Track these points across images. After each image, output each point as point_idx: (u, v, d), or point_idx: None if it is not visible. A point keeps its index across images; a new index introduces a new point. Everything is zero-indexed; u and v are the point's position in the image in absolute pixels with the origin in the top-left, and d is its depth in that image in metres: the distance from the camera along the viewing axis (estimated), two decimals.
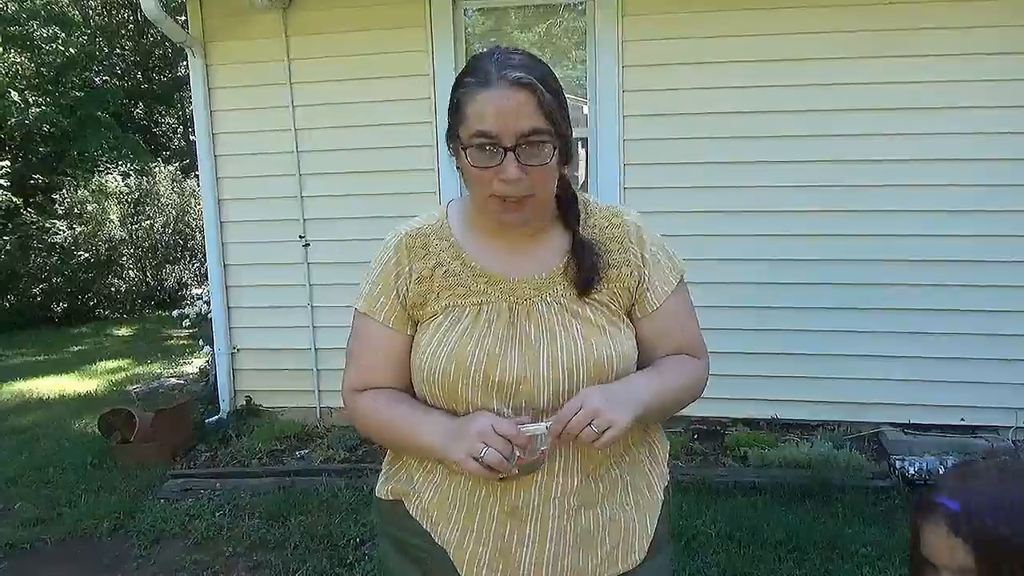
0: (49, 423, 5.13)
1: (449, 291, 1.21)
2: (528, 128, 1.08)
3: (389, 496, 1.31)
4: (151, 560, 3.12)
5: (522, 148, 1.09)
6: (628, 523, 1.25)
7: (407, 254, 1.23)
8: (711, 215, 4.06)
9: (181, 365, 6.95)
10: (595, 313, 1.21)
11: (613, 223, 1.27)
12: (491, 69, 1.09)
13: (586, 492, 1.21)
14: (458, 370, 1.16)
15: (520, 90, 1.08)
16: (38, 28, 12.02)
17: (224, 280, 4.57)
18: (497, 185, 1.11)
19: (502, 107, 1.07)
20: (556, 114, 1.11)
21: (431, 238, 1.24)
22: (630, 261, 1.24)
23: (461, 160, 1.14)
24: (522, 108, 1.08)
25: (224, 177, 4.49)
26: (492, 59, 1.11)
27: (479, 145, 1.10)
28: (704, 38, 3.96)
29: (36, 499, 3.73)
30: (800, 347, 4.09)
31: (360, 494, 3.55)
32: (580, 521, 1.20)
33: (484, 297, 1.20)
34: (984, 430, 3.93)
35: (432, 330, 1.20)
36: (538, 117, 1.09)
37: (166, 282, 11.57)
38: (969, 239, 3.88)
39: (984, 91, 3.78)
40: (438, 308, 1.21)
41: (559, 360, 1.16)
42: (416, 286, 1.21)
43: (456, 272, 1.21)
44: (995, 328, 3.91)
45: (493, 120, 1.08)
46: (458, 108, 1.13)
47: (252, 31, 4.30)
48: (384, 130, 4.26)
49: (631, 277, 1.23)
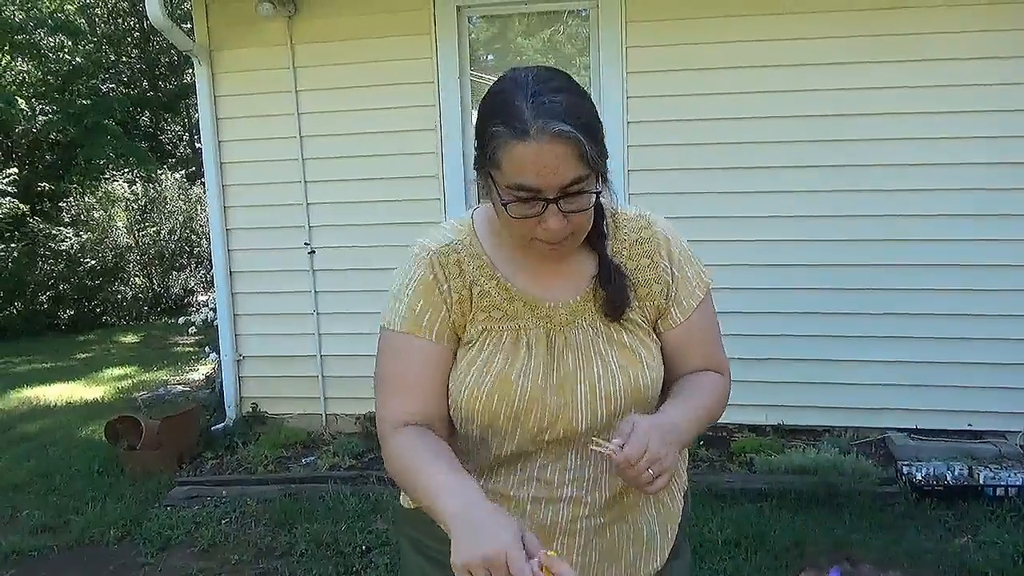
0: (56, 430, 5.14)
1: (485, 314, 1.15)
2: (570, 179, 1.01)
3: (411, 504, 1.28)
4: (157, 567, 3.12)
5: (564, 199, 1.03)
6: (651, 534, 1.25)
7: (443, 272, 1.15)
8: (716, 220, 4.06)
9: (187, 372, 6.96)
10: (629, 336, 1.18)
11: (643, 236, 1.22)
12: (527, 116, 0.99)
13: (614, 510, 1.20)
14: (501, 400, 1.12)
15: (562, 143, 0.99)
16: (45, 36, 12.11)
17: (230, 287, 4.58)
18: (539, 232, 1.06)
19: (543, 164, 0.99)
20: (598, 157, 1.04)
21: (462, 255, 1.17)
22: (660, 277, 1.20)
23: (494, 199, 1.08)
24: (564, 161, 1.00)
25: (230, 184, 4.51)
26: (527, 100, 1.00)
27: (518, 199, 1.03)
28: (708, 44, 3.96)
29: (43, 506, 3.74)
30: (806, 352, 4.08)
31: (366, 501, 3.55)
32: (606, 536, 1.20)
33: (521, 323, 1.15)
34: (991, 435, 3.91)
35: (471, 356, 1.15)
36: (580, 167, 1.01)
37: (172, 289, 11.63)
38: (977, 243, 3.87)
39: (986, 95, 3.78)
40: (474, 333, 1.15)
41: (598, 390, 1.14)
42: (458, 306, 1.15)
43: (492, 294, 1.16)
44: (1003, 333, 3.90)
45: (534, 176, 1.00)
46: (490, 152, 1.03)
47: (258, 39, 4.32)
48: (389, 137, 4.28)
49: (660, 295, 1.20)
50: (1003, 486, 3.33)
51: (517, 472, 1.19)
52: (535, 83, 1.02)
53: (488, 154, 1.03)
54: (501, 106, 1.02)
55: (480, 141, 1.06)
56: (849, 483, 3.46)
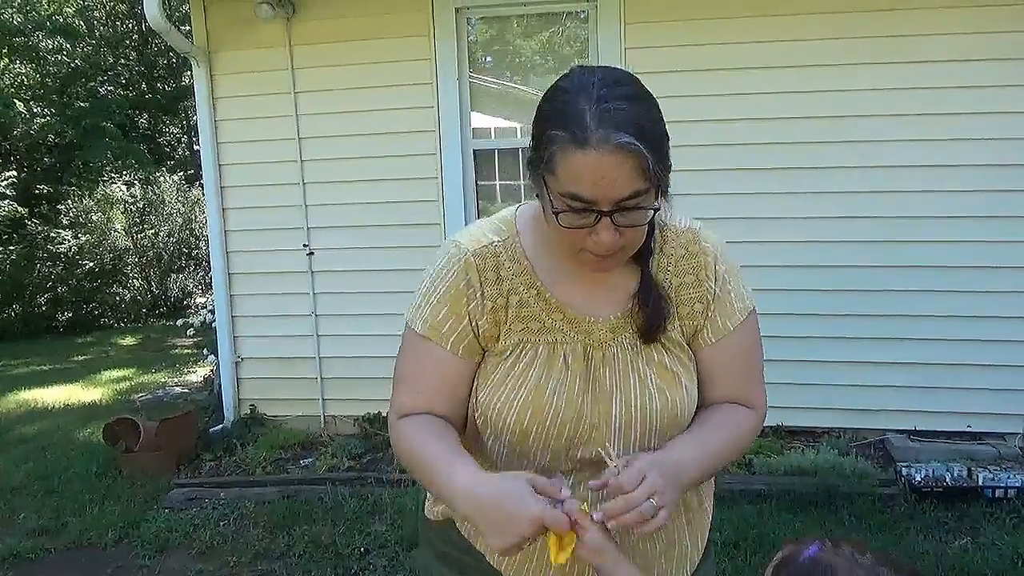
0: (54, 432, 5.13)
1: (522, 324, 1.11)
2: (628, 193, 0.97)
3: (439, 516, 1.25)
4: (155, 570, 3.11)
5: (618, 213, 0.98)
6: (683, 543, 1.23)
7: (478, 276, 1.11)
8: (715, 222, 4.00)
9: (185, 374, 6.95)
10: (669, 356, 1.14)
11: (691, 251, 1.18)
12: (589, 123, 0.94)
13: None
14: (535, 417, 1.09)
15: (624, 155, 0.94)
16: (43, 39, 12.11)
17: (228, 289, 4.57)
18: (589, 243, 1.02)
19: (601, 175, 0.95)
20: (660, 171, 1.00)
21: (502, 259, 1.12)
22: (703, 296, 1.16)
23: (545, 205, 1.04)
24: (623, 174, 0.95)
25: (228, 186, 4.51)
26: (591, 104, 0.95)
27: (573, 209, 0.99)
28: (707, 45, 3.97)
29: (41, 508, 3.73)
30: (805, 354, 4.08)
31: (365, 503, 3.55)
32: (639, 546, 1.17)
33: (559, 336, 1.11)
34: (990, 437, 3.91)
35: (506, 369, 1.12)
36: (640, 181, 0.97)
37: (170, 291, 11.62)
38: (976, 244, 3.87)
39: (995, 97, 3.79)
40: (509, 343, 1.11)
41: (634, 410, 1.11)
42: (491, 315, 1.11)
43: (530, 303, 1.11)
44: (1002, 335, 3.90)
45: (590, 188, 0.96)
46: (546, 157, 0.98)
47: (256, 41, 4.32)
48: (387, 139, 4.28)
49: (700, 314, 1.17)
50: (1002, 487, 3.33)
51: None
52: (601, 86, 0.97)
53: (544, 158, 0.98)
54: (563, 108, 0.97)
55: (536, 142, 1.01)
56: (848, 484, 3.46)
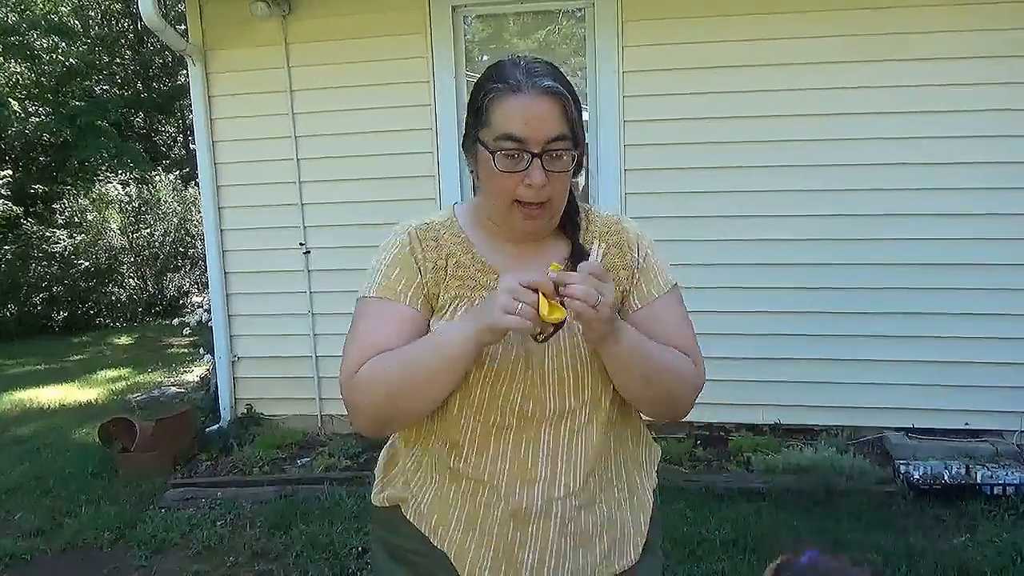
0: (50, 432, 5.12)
1: (458, 282, 1.21)
2: (555, 135, 1.11)
3: (385, 503, 1.31)
4: (152, 570, 3.10)
5: (547, 155, 1.11)
6: (623, 523, 1.27)
7: (420, 244, 1.23)
8: (712, 220, 4.05)
9: (182, 374, 6.94)
10: None
11: (614, 230, 1.29)
12: (520, 76, 1.11)
13: (586, 492, 1.21)
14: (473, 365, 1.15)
15: (549, 98, 1.11)
16: (38, 38, 12.06)
17: (225, 288, 4.56)
18: (521, 190, 1.13)
19: (532, 113, 1.10)
20: (577, 124, 1.14)
21: (441, 232, 1.25)
22: (627, 264, 1.26)
23: (482, 163, 1.16)
24: (550, 115, 1.11)
25: (224, 185, 4.49)
26: (519, 66, 1.13)
27: (506, 150, 1.11)
28: (704, 43, 3.96)
29: (36, 509, 3.72)
30: (803, 352, 4.08)
31: (362, 502, 3.53)
32: (580, 522, 1.21)
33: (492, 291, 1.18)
34: (989, 434, 3.92)
35: (444, 322, 1.19)
36: (563, 125, 1.12)
37: (167, 290, 11.60)
38: (973, 242, 3.88)
39: (993, 94, 3.79)
40: (447, 299, 1.20)
41: (564, 361, 1.17)
42: (432, 275, 1.21)
43: (466, 264, 1.22)
44: (1000, 332, 3.90)
45: (522, 125, 1.10)
46: (482, 111, 1.14)
47: (252, 39, 4.30)
48: (384, 137, 4.26)
49: (626, 280, 1.26)
50: (1000, 485, 3.33)
51: (490, 450, 1.19)
52: (528, 60, 1.15)
53: (481, 116, 1.14)
54: (496, 73, 1.14)
55: (472, 108, 1.16)
56: (846, 482, 3.46)
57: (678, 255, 4.12)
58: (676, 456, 3.85)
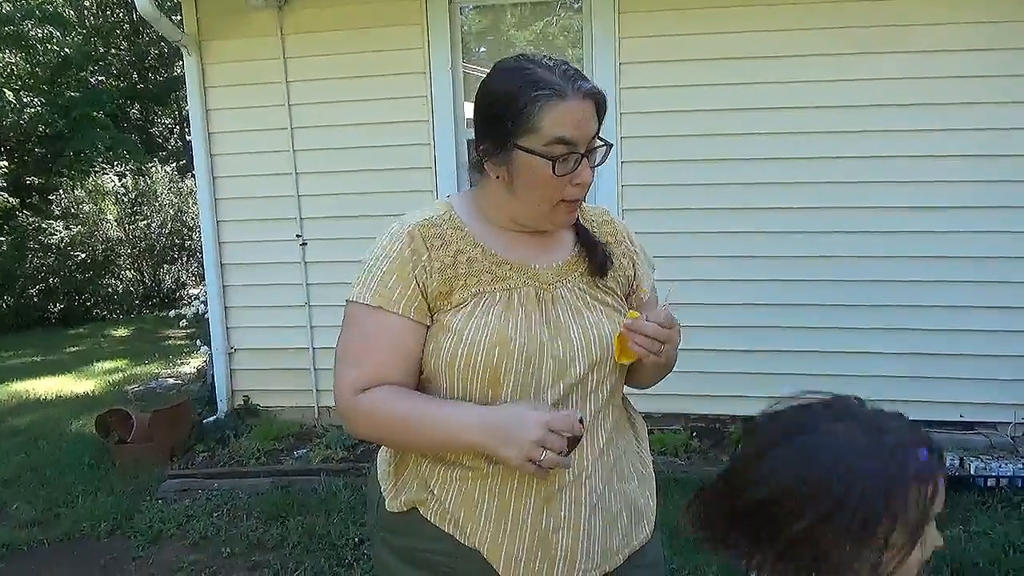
0: (46, 424, 5.12)
1: (475, 278, 1.21)
2: (595, 132, 1.18)
3: (403, 507, 1.26)
4: (149, 561, 3.11)
5: (589, 154, 1.18)
6: (637, 499, 1.31)
7: (423, 243, 1.21)
8: (708, 212, 4.05)
9: (178, 365, 6.93)
10: (612, 297, 1.30)
11: (605, 219, 1.38)
12: (562, 81, 1.14)
13: (607, 468, 1.26)
14: (502, 353, 1.17)
15: (590, 99, 1.16)
16: (33, 28, 11.99)
17: (221, 280, 4.55)
18: (569, 190, 1.19)
19: (579, 117, 1.15)
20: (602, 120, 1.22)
21: (443, 228, 1.24)
22: (626, 252, 1.36)
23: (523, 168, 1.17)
24: (591, 116, 1.17)
25: (221, 176, 4.48)
26: (554, 71, 1.15)
27: (562, 155, 1.15)
28: (701, 34, 3.95)
29: (33, 500, 3.72)
30: (798, 344, 4.09)
31: (359, 494, 3.54)
32: (605, 499, 1.25)
33: (511, 283, 1.22)
34: (983, 426, 3.93)
35: (466, 316, 1.19)
36: (597, 123, 1.19)
37: (163, 282, 11.58)
38: (968, 235, 3.88)
39: (973, 87, 3.78)
40: (467, 295, 1.20)
41: (591, 339, 1.22)
42: (439, 275, 1.20)
43: (479, 259, 1.22)
44: (994, 324, 3.91)
45: (573, 129, 1.14)
46: (527, 118, 1.14)
47: (248, 30, 4.28)
48: (380, 128, 4.25)
49: (628, 267, 1.35)
50: (994, 476, 3.35)
51: None
52: (543, 59, 1.18)
53: (524, 123, 1.14)
54: (532, 79, 1.14)
55: (510, 114, 1.15)
56: None
57: (674, 247, 4.16)
58: (672, 447, 3.87)
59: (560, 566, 1.20)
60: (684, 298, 1.35)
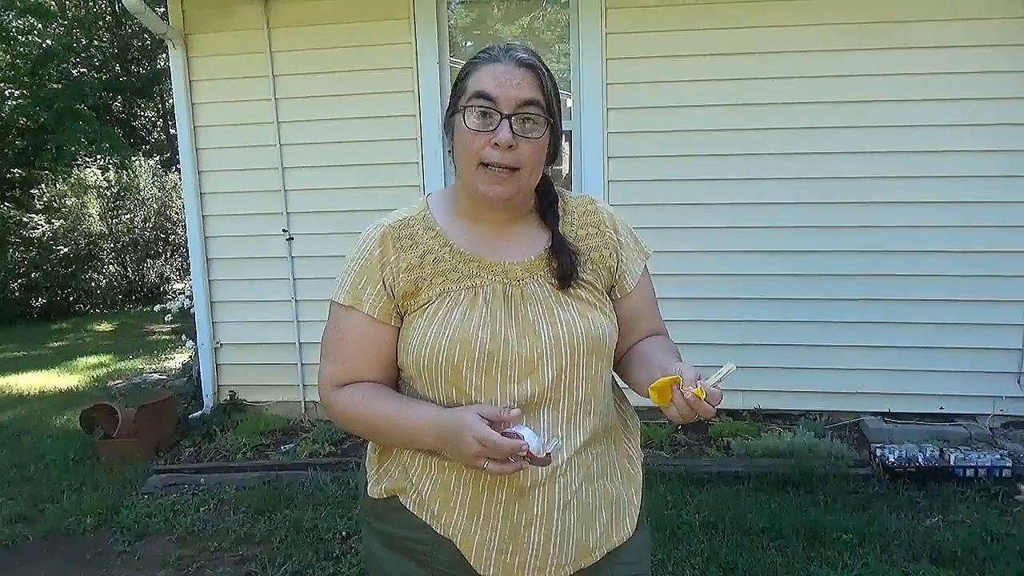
0: (30, 419, 5.08)
1: (442, 277, 1.22)
2: (526, 98, 1.15)
3: (384, 495, 1.30)
4: (135, 555, 3.10)
5: (518, 118, 1.15)
6: (619, 496, 1.30)
7: (392, 245, 1.24)
8: (694, 207, 4.08)
9: (163, 360, 6.90)
10: (586, 291, 1.26)
11: (589, 210, 1.34)
12: (499, 51, 1.18)
13: (584, 466, 1.24)
14: (463, 352, 1.17)
15: (524, 68, 1.16)
16: (13, 19, 11.83)
17: (207, 274, 4.54)
18: (488, 151, 1.16)
19: (505, 77, 1.15)
20: (553, 101, 1.19)
21: (416, 228, 1.26)
22: (608, 243, 1.31)
23: (456, 130, 1.19)
24: (523, 81, 1.16)
25: (206, 170, 4.45)
26: (499, 46, 1.20)
27: (477, 108, 1.15)
28: (688, 30, 3.97)
29: (17, 496, 3.70)
30: (782, 338, 4.13)
31: (346, 488, 3.55)
32: (581, 496, 1.23)
33: (478, 280, 1.22)
34: (962, 418, 3.99)
35: (430, 315, 1.21)
36: (536, 93, 1.16)
37: (147, 277, 11.47)
38: (950, 230, 3.93)
39: (964, 83, 3.83)
40: (432, 294, 1.22)
41: (560, 336, 1.20)
42: (406, 275, 1.22)
43: (446, 259, 1.23)
44: (973, 318, 3.97)
45: (493, 85, 1.15)
46: (460, 81, 1.20)
47: (234, 23, 4.26)
48: (368, 123, 4.25)
49: (610, 258, 1.31)
50: (972, 467, 3.41)
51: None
52: (510, 44, 1.21)
53: (460, 87, 1.19)
54: (478, 55, 1.20)
55: (455, 85, 1.21)
56: (824, 466, 3.52)
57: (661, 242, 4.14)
58: (658, 440, 3.90)
59: (532, 561, 1.21)
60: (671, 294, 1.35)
